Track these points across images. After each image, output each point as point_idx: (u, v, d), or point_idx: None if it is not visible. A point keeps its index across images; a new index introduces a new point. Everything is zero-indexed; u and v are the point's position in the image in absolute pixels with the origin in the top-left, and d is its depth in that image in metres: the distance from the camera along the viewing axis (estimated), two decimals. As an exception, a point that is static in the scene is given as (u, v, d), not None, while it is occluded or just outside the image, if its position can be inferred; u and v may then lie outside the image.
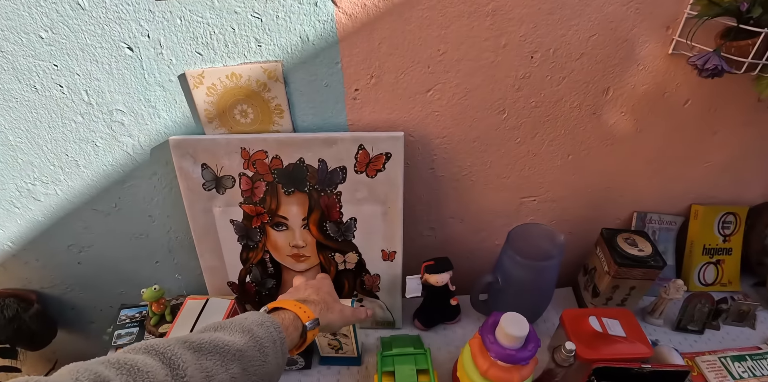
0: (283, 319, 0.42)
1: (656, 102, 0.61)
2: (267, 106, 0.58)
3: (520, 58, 0.54)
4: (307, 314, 0.44)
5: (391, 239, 0.62)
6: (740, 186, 0.78)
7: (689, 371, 0.56)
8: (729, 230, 0.80)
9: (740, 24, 0.48)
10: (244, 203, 0.62)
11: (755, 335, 0.73)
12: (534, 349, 0.51)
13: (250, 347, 0.36)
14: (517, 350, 0.51)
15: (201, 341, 0.34)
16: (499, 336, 0.52)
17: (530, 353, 0.51)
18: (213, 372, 0.33)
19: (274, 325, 0.40)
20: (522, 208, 0.72)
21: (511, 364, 0.51)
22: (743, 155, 0.72)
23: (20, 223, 0.77)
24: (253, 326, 0.38)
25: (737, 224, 0.80)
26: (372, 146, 0.56)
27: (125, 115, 0.62)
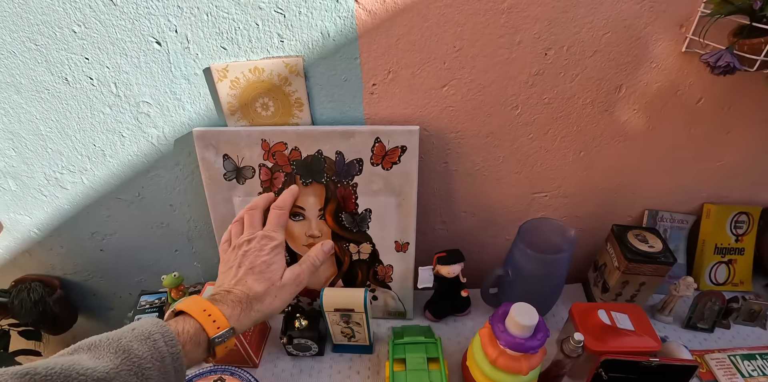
0: (183, 329, 0.36)
1: (669, 100, 0.62)
2: (287, 99, 0.60)
3: (534, 55, 0.56)
4: (218, 323, 0.36)
5: (405, 231, 0.64)
6: (754, 186, 0.78)
7: (697, 365, 0.57)
8: (742, 230, 0.80)
9: (753, 22, 0.49)
10: (264, 192, 0.64)
11: (766, 335, 0.74)
12: (543, 338, 0.53)
13: (121, 373, 0.30)
14: (526, 339, 0.52)
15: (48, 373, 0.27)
16: (509, 325, 0.53)
17: (539, 342, 0.52)
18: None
19: (165, 338, 0.34)
20: (533, 203, 0.73)
21: (521, 352, 0.52)
22: (756, 155, 0.72)
23: (47, 210, 0.80)
24: (133, 344, 0.32)
25: (750, 224, 0.80)
26: (388, 139, 0.59)
27: (151, 107, 0.65)
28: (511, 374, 0.54)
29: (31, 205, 0.80)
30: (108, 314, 1.01)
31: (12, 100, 0.67)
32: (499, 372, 0.54)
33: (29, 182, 0.77)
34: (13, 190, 0.79)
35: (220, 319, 0.37)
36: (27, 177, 0.76)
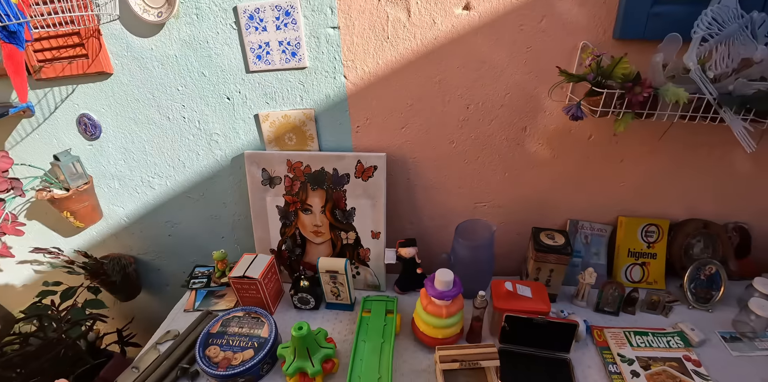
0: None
1: (565, 137, 1.00)
2: (304, 135, 1.04)
3: (460, 108, 0.97)
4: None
5: (377, 223, 1.04)
6: (660, 203, 1.11)
7: (576, 324, 0.90)
8: (652, 238, 1.12)
9: (592, 87, 0.87)
10: (286, 194, 1.08)
11: (665, 322, 1.04)
12: (456, 291, 0.89)
13: None
14: (444, 291, 0.89)
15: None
16: (435, 283, 0.90)
17: (453, 293, 0.88)
18: None
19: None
20: (476, 211, 1.11)
21: (440, 300, 0.89)
22: (653, 179, 1.06)
23: (137, 204, 1.29)
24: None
25: (660, 234, 1.12)
26: (366, 161, 1.00)
27: (219, 137, 1.11)
28: (435, 316, 0.90)
29: (127, 199, 1.29)
30: (164, 290, 1.47)
31: (130, 128, 1.16)
32: (429, 316, 0.91)
33: (129, 183, 1.26)
34: (117, 188, 1.28)
35: None
36: (128, 179, 1.25)
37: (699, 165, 1.03)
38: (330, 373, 0.90)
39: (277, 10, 0.93)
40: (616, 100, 0.86)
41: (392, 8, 0.89)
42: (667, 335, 0.99)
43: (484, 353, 0.83)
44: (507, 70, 0.93)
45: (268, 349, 0.90)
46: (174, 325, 1.08)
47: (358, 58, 0.94)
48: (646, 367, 0.91)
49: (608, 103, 0.86)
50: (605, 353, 0.95)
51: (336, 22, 0.92)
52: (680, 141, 1.00)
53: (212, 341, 0.94)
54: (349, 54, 0.94)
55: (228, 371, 0.87)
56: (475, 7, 0.88)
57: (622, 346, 0.97)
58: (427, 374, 0.89)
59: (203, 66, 1.02)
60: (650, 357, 0.94)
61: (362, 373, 0.84)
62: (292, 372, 0.85)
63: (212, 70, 1.02)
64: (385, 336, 0.92)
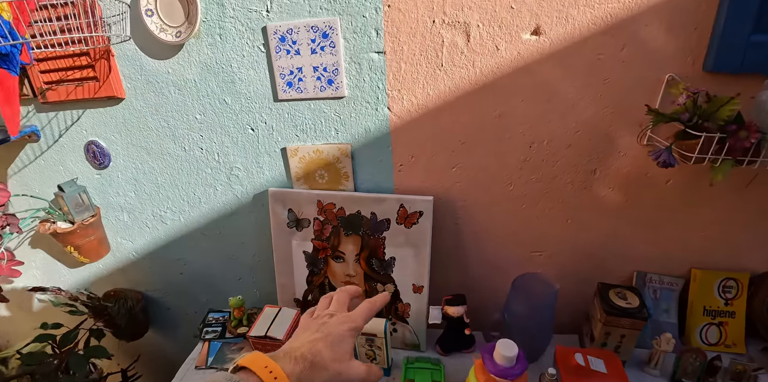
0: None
1: (640, 180, 0.83)
2: (338, 172, 0.88)
3: (522, 146, 0.80)
4: (279, 379, 0.38)
5: (420, 276, 0.87)
6: (739, 254, 0.93)
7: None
8: (731, 294, 0.94)
9: (686, 128, 0.70)
10: (315, 239, 0.91)
11: (754, 396, 0.86)
12: (521, 368, 0.71)
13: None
14: (507, 368, 0.71)
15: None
16: (495, 356, 0.73)
17: (518, 371, 0.71)
18: None
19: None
20: (531, 261, 0.93)
21: (502, 378, 0.72)
22: (734, 227, 0.89)
23: (147, 239, 1.12)
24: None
25: (739, 289, 0.94)
26: (410, 206, 0.84)
27: (240, 171, 0.95)
28: (496, 397, 0.73)
29: (137, 233, 1.13)
30: (176, 332, 1.29)
31: (142, 158, 1.00)
32: (486, 395, 0.73)
33: (139, 217, 1.10)
34: (125, 221, 1.12)
35: (280, 375, 0.38)
36: (139, 212, 1.09)
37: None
38: None
39: (313, 32, 0.77)
40: (714, 145, 0.69)
41: (449, 31, 0.74)
42: (760, 415, 0.81)
43: (562, 453, 0.65)
44: (579, 105, 0.76)
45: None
46: (183, 385, 0.91)
47: (405, 87, 0.78)
48: None
49: (705, 148, 0.69)
50: (695, 443, 0.76)
51: (382, 47, 0.76)
52: None
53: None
54: (395, 82, 0.78)
55: None
56: (546, 32, 0.72)
57: (710, 431, 0.79)
58: None
59: (225, 92, 0.87)
60: (749, 450, 0.75)
61: None
62: None
63: (235, 97, 0.87)
64: (433, 421, 0.74)
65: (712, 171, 0.72)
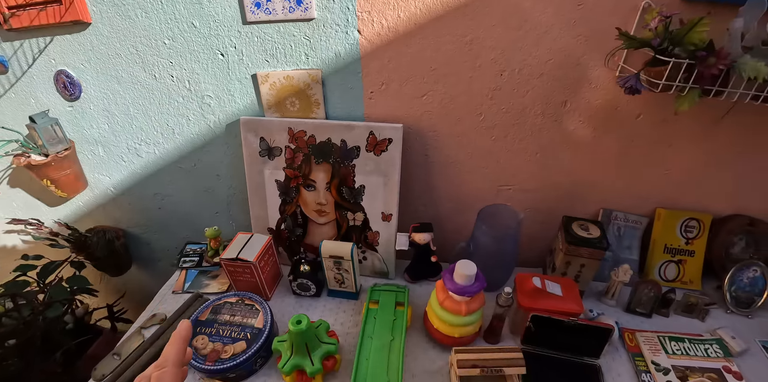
0: None
1: (610, 114, 0.85)
2: (309, 100, 0.90)
3: (492, 75, 0.82)
4: None
5: (389, 204, 0.91)
6: (704, 196, 0.97)
7: (612, 329, 0.79)
8: (692, 234, 1.00)
9: (656, 55, 0.72)
10: (287, 167, 0.94)
11: (701, 327, 0.93)
12: (478, 287, 0.77)
13: None
14: (465, 286, 0.77)
15: None
16: (454, 276, 0.78)
17: (475, 288, 0.77)
18: None
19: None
20: (500, 195, 0.98)
21: (460, 296, 0.78)
22: (701, 167, 0.92)
23: (123, 173, 1.16)
24: None
25: (701, 229, 0.99)
26: (379, 133, 0.87)
27: (212, 100, 0.97)
28: (453, 313, 0.79)
29: (113, 168, 1.16)
30: (155, 265, 1.36)
31: (113, 88, 1.02)
32: (445, 312, 0.80)
33: (114, 150, 1.12)
34: (101, 155, 1.14)
35: None
36: (113, 146, 1.11)
37: (757, 155, 0.90)
38: (331, 371, 0.80)
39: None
40: (682, 73, 0.71)
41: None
42: (705, 343, 0.88)
43: (510, 358, 0.72)
44: (552, 32, 0.77)
45: (263, 342, 0.80)
46: (161, 307, 0.98)
47: (375, 9, 0.78)
48: (683, 378, 0.81)
49: (673, 75, 0.71)
50: (638, 360, 0.84)
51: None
52: (741, 126, 0.86)
53: (201, 329, 0.84)
54: (365, 4, 0.78)
55: (217, 366, 0.77)
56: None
57: (657, 353, 0.86)
58: (440, 377, 0.79)
59: (193, 15, 0.87)
60: (687, 367, 0.83)
61: (368, 375, 0.73)
62: (288, 370, 0.75)
63: (204, 20, 0.87)
64: (394, 332, 0.81)
65: (679, 100, 0.75)
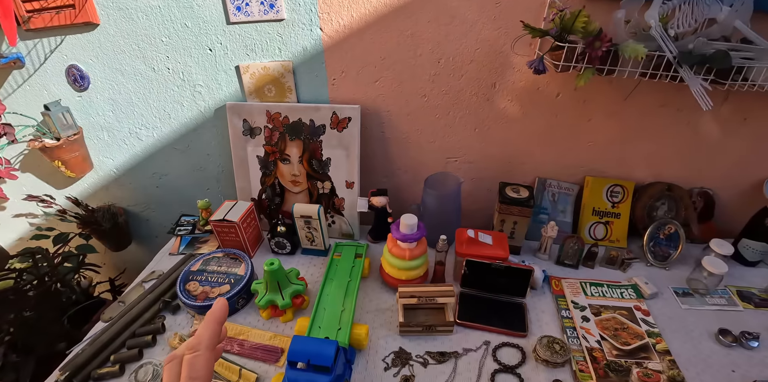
0: None
1: (533, 94, 1.03)
2: (283, 86, 1.08)
3: (431, 62, 1.00)
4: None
5: (352, 174, 1.09)
6: (626, 165, 1.15)
7: (531, 270, 0.96)
8: (617, 198, 1.17)
9: (556, 42, 0.90)
10: (266, 144, 1.13)
11: (622, 277, 1.10)
12: (419, 234, 0.94)
13: None
14: (407, 234, 0.94)
15: None
16: (400, 226, 0.95)
17: (416, 236, 0.94)
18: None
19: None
20: (448, 166, 1.16)
21: (404, 242, 0.95)
22: (619, 140, 1.10)
23: (126, 156, 1.34)
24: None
25: (625, 194, 1.17)
26: (341, 113, 1.05)
27: (202, 88, 1.16)
28: (399, 258, 0.96)
29: (116, 151, 1.34)
30: (154, 241, 1.54)
31: (117, 79, 1.20)
32: (393, 258, 0.97)
33: (117, 134, 1.31)
34: (106, 140, 1.33)
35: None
36: (117, 131, 1.30)
37: (665, 128, 1.07)
38: (300, 308, 0.97)
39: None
40: (578, 55, 0.89)
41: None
42: (621, 287, 1.05)
43: (442, 291, 0.90)
44: (476, 26, 0.96)
45: (244, 284, 0.97)
46: (159, 266, 1.15)
47: (333, 10, 0.97)
48: (597, 313, 0.98)
49: (570, 57, 0.89)
50: (560, 300, 1.01)
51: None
52: (646, 103, 1.04)
53: (192, 277, 1.01)
54: (324, 6, 0.97)
55: (205, 302, 0.94)
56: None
57: (577, 294, 1.03)
58: (390, 312, 0.96)
59: (186, 17, 1.06)
60: (602, 305, 1.00)
61: (327, 305, 0.90)
62: (263, 304, 0.92)
63: (194, 21, 1.06)
64: (352, 276, 0.98)
65: (578, 78, 0.93)
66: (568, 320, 0.96)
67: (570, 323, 0.95)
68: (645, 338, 0.92)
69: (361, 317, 0.95)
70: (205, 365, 0.42)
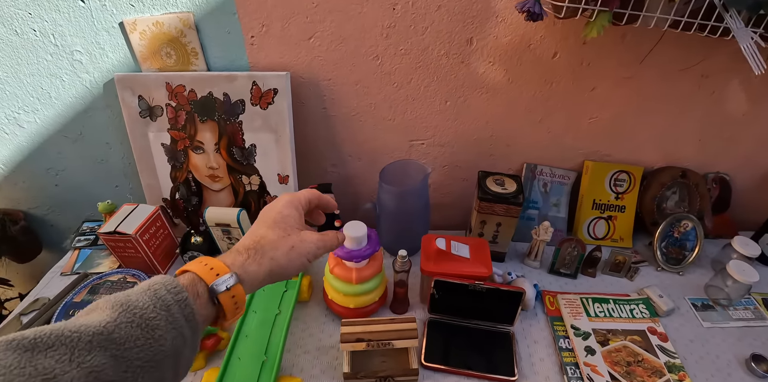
0: (182, 282, 0.34)
1: (523, 54, 0.73)
2: (185, 49, 0.76)
3: (384, 9, 0.68)
4: (216, 270, 0.35)
5: (284, 164, 0.79)
6: (635, 146, 0.87)
7: (522, 292, 0.68)
8: (622, 188, 0.89)
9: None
10: (171, 129, 0.81)
11: (630, 286, 0.83)
12: (369, 250, 0.65)
13: (120, 325, 0.29)
14: (353, 251, 0.65)
15: (38, 336, 0.27)
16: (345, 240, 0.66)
17: (366, 252, 0.65)
18: (55, 372, 0.26)
19: (167, 286, 0.32)
20: (413, 150, 0.86)
21: (349, 261, 0.66)
22: (629, 114, 0.82)
23: (10, 148, 1.00)
24: (132, 296, 0.32)
25: (631, 183, 0.89)
26: (263, 83, 0.73)
27: (83, 55, 0.82)
28: (344, 281, 0.67)
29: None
30: (63, 248, 1.22)
31: (-23, 49, 0.85)
32: (336, 280, 0.68)
33: (-6, 122, 0.96)
34: (-18, 130, 0.98)
35: (218, 266, 0.36)
36: (-9, 117, 0.95)
37: (684, 98, 0.80)
38: (215, 350, 0.68)
39: None
40: (589, -6, 0.59)
41: None
42: (631, 303, 0.79)
43: (400, 330, 0.61)
44: (445, -47, 0.64)
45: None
46: (46, 291, 0.85)
47: (240, -68, 0.64)
48: (603, 342, 0.71)
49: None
50: (557, 325, 0.74)
51: None
52: (665, 66, 0.75)
53: (74, 312, 0.71)
54: (227, -74, 0.64)
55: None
56: None
57: (578, 316, 0.76)
58: (335, 352, 0.68)
59: (40, -50, 0.71)
60: (609, 330, 0.74)
61: (243, 354, 0.61)
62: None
63: (53, -44, 0.71)
64: (282, 305, 0.69)
65: (587, 26, 0.63)
66: (568, 353, 0.70)
67: (571, 358, 0.69)
68: (665, 374, 0.67)
69: (295, 362, 0.66)
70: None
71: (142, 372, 0.29)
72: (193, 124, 0.79)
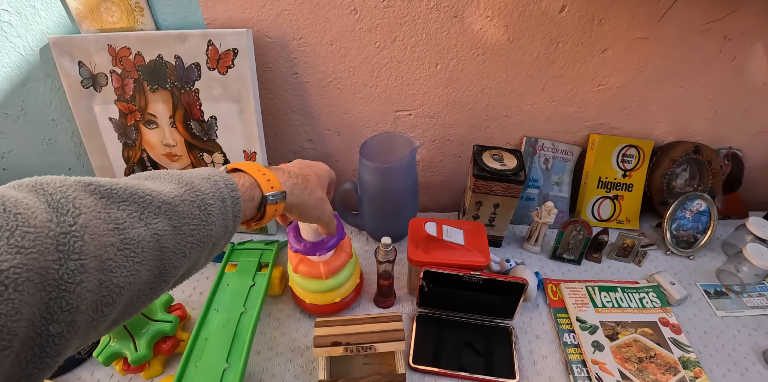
0: (239, 182, 0.34)
1: (526, 6, 0.60)
2: (128, 4, 0.61)
3: (359, -52, 0.54)
4: (272, 183, 0.36)
5: (251, 140, 0.65)
6: (645, 118, 0.75)
7: (524, 283, 0.57)
8: (630, 164, 0.78)
9: None
10: (118, 100, 0.67)
11: (638, 272, 0.73)
12: (330, 240, 0.52)
13: (185, 201, 0.29)
14: (316, 243, 0.52)
15: (113, 187, 0.26)
16: (301, 232, 0.53)
17: (329, 244, 0.52)
18: (125, 225, 0.25)
19: (225, 181, 0.33)
20: (399, 122, 0.73)
21: (312, 256, 0.53)
22: (641, 80, 0.69)
23: (-53, 129, 0.85)
24: (195, 179, 0.31)
25: (641, 159, 0.78)
26: (220, 42, 0.59)
27: (11, 16, 0.67)
28: (313, 279, 0.55)
29: (-69, 122, 0.85)
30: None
31: None
32: (304, 279, 0.56)
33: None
34: None
35: (274, 180, 0.36)
36: None
37: (703, 63, 0.68)
38: (174, 353, 0.57)
39: None
40: None
41: None
42: (641, 291, 0.69)
43: (384, 331, 0.50)
44: None
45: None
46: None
47: None
48: (612, 336, 0.61)
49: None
50: (560, 317, 0.64)
51: None
52: (686, 25, 0.63)
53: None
54: None
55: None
56: None
57: (583, 307, 0.66)
58: (311, 353, 0.56)
59: None
60: (618, 322, 0.63)
61: (203, 357, 0.50)
62: (105, 359, 0.51)
63: None
64: (249, 302, 0.57)
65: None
66: (574, 349, 0.60)
67: (577, 355, 0.59)
68: (680, 371, 0.58)
69: (265, 366, 0.55)
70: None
71: (191, 248, 0.29)
72: (142, 94, 0.65)
